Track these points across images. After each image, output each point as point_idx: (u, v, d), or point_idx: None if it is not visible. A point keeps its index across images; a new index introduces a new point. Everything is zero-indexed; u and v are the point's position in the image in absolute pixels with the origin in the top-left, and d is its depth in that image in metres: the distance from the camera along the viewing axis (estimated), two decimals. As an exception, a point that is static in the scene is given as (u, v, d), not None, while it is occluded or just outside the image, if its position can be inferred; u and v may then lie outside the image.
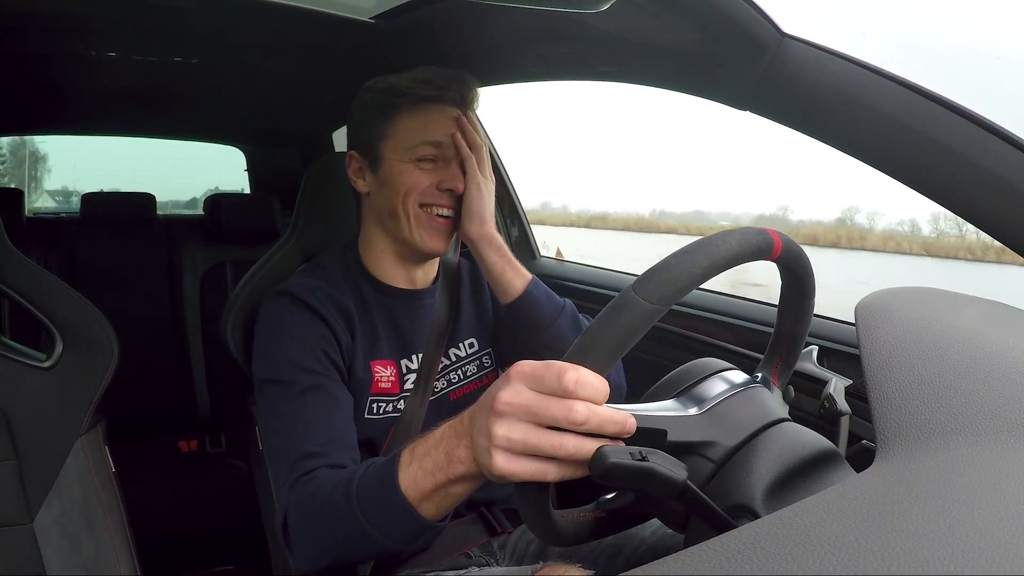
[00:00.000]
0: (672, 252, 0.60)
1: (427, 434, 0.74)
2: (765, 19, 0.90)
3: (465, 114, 1.11)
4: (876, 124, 0.85)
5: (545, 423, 0.56)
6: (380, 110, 1.09)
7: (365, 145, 1.11)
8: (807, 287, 0.74)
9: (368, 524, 0.78)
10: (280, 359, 1.00)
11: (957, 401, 0.51)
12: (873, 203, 8.67)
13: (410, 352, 1.12)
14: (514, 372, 0.58)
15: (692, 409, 0.65)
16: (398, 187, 1.06)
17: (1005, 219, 0.78)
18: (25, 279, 1.02)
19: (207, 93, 2.04)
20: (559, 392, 0.55)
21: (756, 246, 0.63)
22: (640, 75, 1.20)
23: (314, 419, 0.96)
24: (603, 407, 0.56)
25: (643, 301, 0.57)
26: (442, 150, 1.07)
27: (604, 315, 0.58)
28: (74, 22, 1.41)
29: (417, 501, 0.74)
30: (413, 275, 1.15)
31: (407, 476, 0.74)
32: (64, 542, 0.98)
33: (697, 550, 0.40)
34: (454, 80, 1.09)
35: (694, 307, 1.51)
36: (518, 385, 0.57)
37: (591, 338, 0.57)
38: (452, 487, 0.70)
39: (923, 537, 0.39)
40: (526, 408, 0.56)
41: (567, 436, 0.56)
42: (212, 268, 2.35)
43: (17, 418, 0.98)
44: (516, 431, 0.57)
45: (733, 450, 0.63)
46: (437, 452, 0.70)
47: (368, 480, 0.80)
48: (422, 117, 1.07)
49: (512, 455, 0.57)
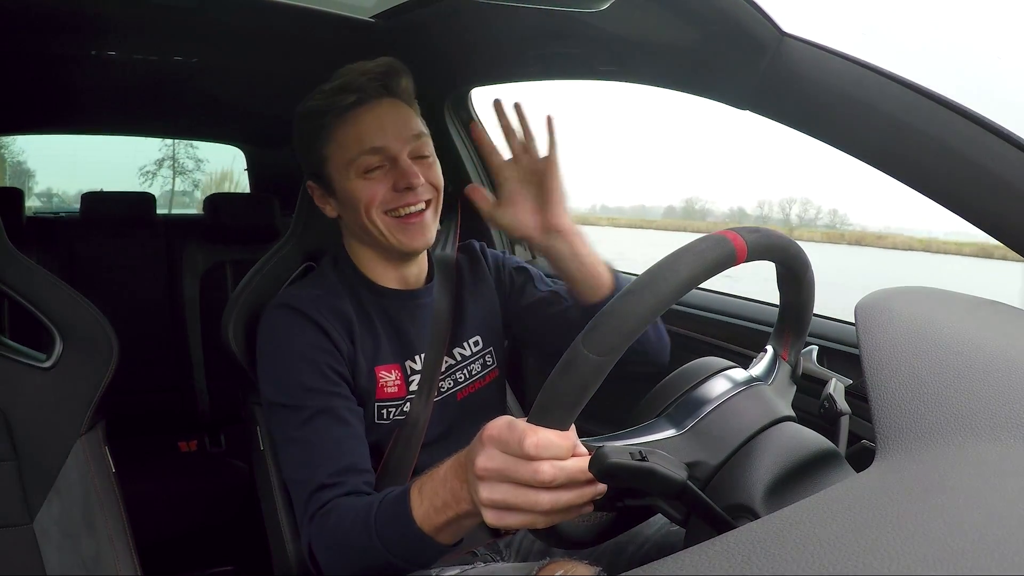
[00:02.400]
0: (617, 295, 0.58)
1: (432, 472, 0.77)
2: (765, 19, 0.90)
3: (400, 101, 1.06)
4: (876, 123, 0.85)
5: (521, 483, 0.60)
6: (312, 136, 1.06)
7: (314, 173, 1.09)
8: (796, 263, 0.72)
9: (393, 557, 0.83)
10: (287, 382, 1.00)
11: (957, 401, 0.51)
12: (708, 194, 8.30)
13: (413, 353, 1.11)
14: (486, 435, 0.63)
15: (671, 431, 0.66)
16: (356, 205, 1.03)
17: (1005, 219, 0.78)
18: (25, 279, 1.02)
19: (207, 93, 2.04)
20: (524, 457, 0.59)
21: (713, 261, 0.60)
22: (640, 75, 1.20)
23: (325, 446, 0.97)
24: (570, 461, 0.59)
25: (591, 355, 0.56)
26: (384, 153, 1.03)
27: (556, 373, 0.58)
28: (74, 21, 1.41)
29: (434, 532, 0.78)
30: (405, 275, 1.13)
31: (420, 513, 0.78)
32: (64, 542, 0.98)
33: (697, 550, 0.40)
34: (372, 75, 1.04)
35: (694, 307, 1.51)
36: (491, 450, 0.62)
37: (547, 397, 0.59)
38: (463, 520, 0.74)
39: (923, 537, 0.39)
40: (501, 472, 0.61)
41: (541, 493, 0.60)
42: (212, 268, 2.35)
43: (17, 418, 0.98)
44: (496, 492, 0.61)
45: (717, 468, 0.64)
46: (444, 491, 0.74)
47: (385, 518, 0.84)
48: (351, 127, 1.03)
49: (500, 511, 0.62)
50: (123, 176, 4.35)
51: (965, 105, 0.80)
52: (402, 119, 1.04)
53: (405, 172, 1.02)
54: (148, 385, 2.23)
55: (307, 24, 1.36)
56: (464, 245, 1.27)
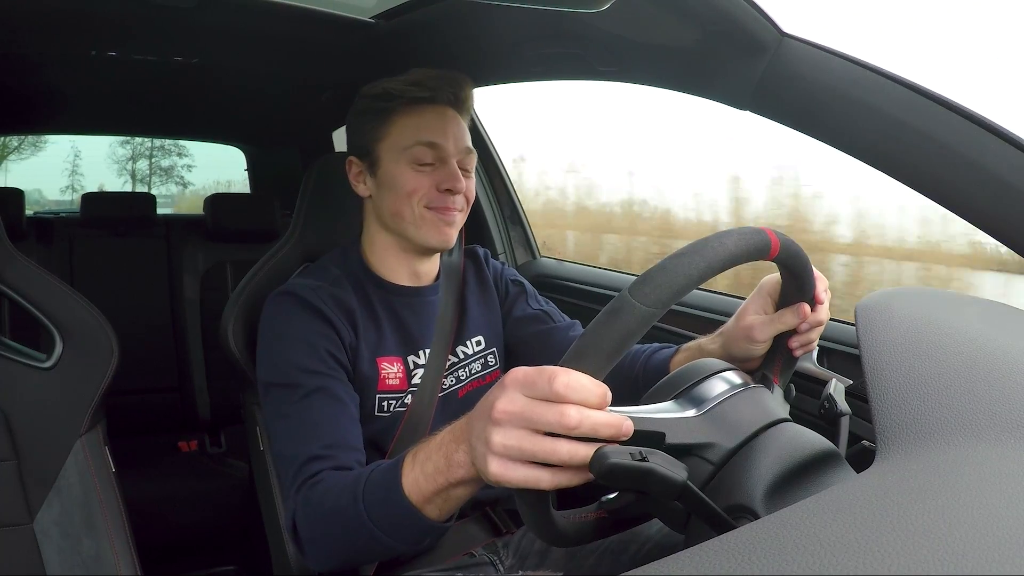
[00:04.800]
0: (669, 255, 0.61)
1: (430, 438, 0.75)
2: (765, 19, 0.90)
3: (460, 114, 1.11)
4: (876, 124, 0.85)
5: (540, 429, 0.57)
6: (375, 114, 1.10)
7: (363, 149, 1.12)
8: (806, 285, 0.74)
9: (375, 527, 0.79)
10: (284, 363, 1.00)
11: (957, 401, 0.51)
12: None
13: (416, 348, 1.12)
14: (509, 379, 0.59)
15: (691, 411, 0.65)
16: (399, 190, 1.07)
17: (1005, 219, 0.78)
18: (25, 279, 1.02)
19: (207, 93, 2.04)
20: (551, 397, 0.56)
21: (754, 246, 0.63)
22: (640, 75, 1.21)
23: (319, 421, 0.96)
24: (597, 411, 0.56)
25: (639, 304, 0.57)
26: (437, 151, 1.07)
27: (601, 319, 0.58)
28: (74, 21, 1.41)
29: (420, 504, 0.75)
30: (418, 270, 1.15)
31: (409, 480, 0.75)
32: (64, 542, 0.98)
33: (697, 550, 0.40)
34: (446, 81, 1.10)
35: (694, 307, 1.51)
36: (513, 393, 0.58)
37: (587, 342, 0.58)
38: (453, 490, 0.71)
39: (923, 537, 0.39)
40: (520, 415, 0.57)
41: (560, 441, 0.56)
42: (212, 268, 2.35)
43: (17, 418, 0.98)
44: (511, 438, 0.57)
45: (732, 451, 0.63)
46: (437, 456, 0.71)
47: (373, 484, 0.81)
48: (415, 118, 1.08)
49: (508, 461, 0.58)
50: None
51: (965, 105, 0.80)
52: (461, 130, 1.11)
53: (452, 174, 1.07)
54: (148, 385, 2.23)
55: (307, 24, 1.37)
56: (469, 249, 1.29)
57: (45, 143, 5.96)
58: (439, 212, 1.08)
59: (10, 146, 5.88)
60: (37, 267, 1.04)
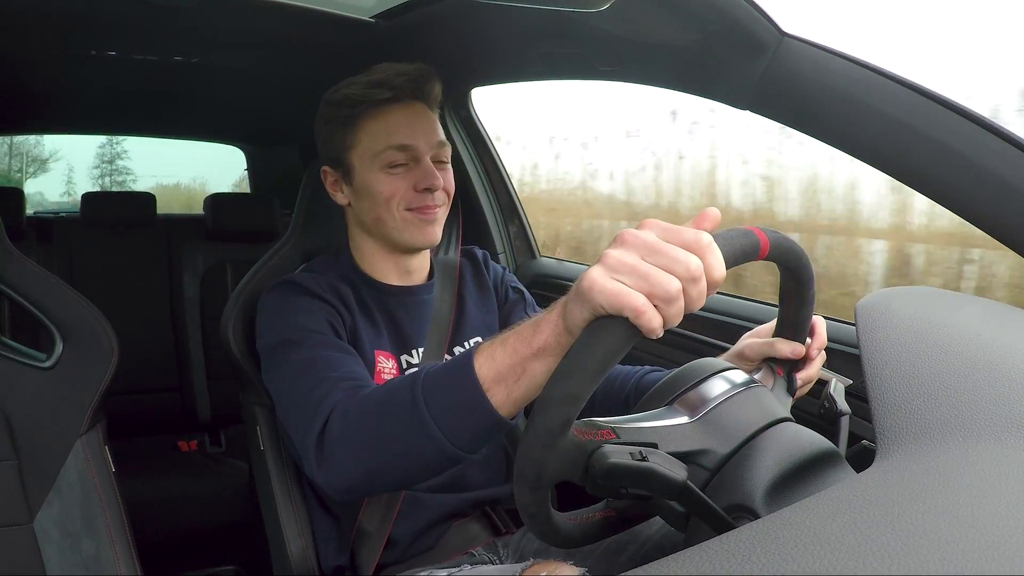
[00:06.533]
0: None
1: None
2: (765, 19, 0.90)
3: (429, 107, 1.09)
4: (876, 123, 0.85)
5: (661, 263, 0.56)
6: (341, 122, 1.08)
7: (335, 158, 1.10)
8: (803, 276, 0.73)
9: (428, 414, 0.73)
10: (289, 325, 0.99)
11: (957, 401, 0.51)
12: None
13: (409, 348, 1.12)
14: (647, 222, 0.59)
15: (683, 418, 0.65)
16: (376, 197, 1.06)
17: (1005, 219, 0.78)
18: (25, 279, 1.02)
19: (207, 93, 2.04)
20: (691, 244, 0.56)
21: (740, 249, 0.61)
22: (640, 75, 1.21)
23: (333, 362, 0.93)
24: (710, 286, 0.57)
25: (621, 321, 0.56)
26: (409, 152, 1.06)
27: (582, 338, 0.57)
28: (74, 22, 1.41)
29: (489, 384, 0.69)
30: (408, 269, 1.15)
31: (484, 355, 0.70)
32: (64, 542, 0.98)
33: (697, 550, 0.40)
34: (408, 76, 1.07)
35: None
36: (647, 231, 0.58)
37: (571, 361, 0.56)
38: (530, 363, 0.67)
39: (923, 537, 0.39)
40: (647, 244, 0.57)
41: (663, 272, 0.56)
42: (212, 268, 2.35)
43: (17, 418, 0.98)
44: (630, 256, 0.57)
45: (727, 456, 0.63)
46: (523, 328, 0.68)
47: (436, 369, 0.76)
48: (382, 122, 1.06)
49: (612, 272, 0.57)
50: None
51: (965, 105, 0.80)
52: (430, 124, 1.09)
53: (427, 173, 1.05)
54: (148, 385, 2.23)
55: (307, 24, 1.37)
56: (467, 250, 1.29)
57: (57, 157, 6.09)
58: (420, 212, 1.06)
59: (27, 171, 6.02)
60: (37, 267, 1.04)
